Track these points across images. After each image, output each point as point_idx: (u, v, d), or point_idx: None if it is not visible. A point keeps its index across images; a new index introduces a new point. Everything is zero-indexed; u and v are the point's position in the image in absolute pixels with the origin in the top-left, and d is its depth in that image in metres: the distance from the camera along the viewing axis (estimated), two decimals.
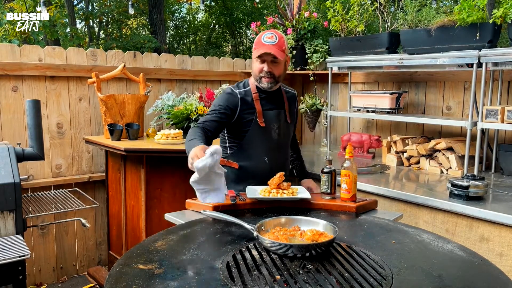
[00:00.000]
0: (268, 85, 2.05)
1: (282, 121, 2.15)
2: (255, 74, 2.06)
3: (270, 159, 2.11)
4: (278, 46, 1.98)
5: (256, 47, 2.01)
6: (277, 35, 2.00)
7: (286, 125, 2.17)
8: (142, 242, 1.45)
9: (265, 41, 1.98)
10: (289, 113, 2.19)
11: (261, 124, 2.05)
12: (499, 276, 1.22)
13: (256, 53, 1.99)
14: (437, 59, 2.72)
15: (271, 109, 2.11)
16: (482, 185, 2.17)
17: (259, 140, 2.08)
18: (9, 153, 2.22)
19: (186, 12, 15.47)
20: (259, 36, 2.03)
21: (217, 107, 2.04)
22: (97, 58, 3.27)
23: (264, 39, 1.99)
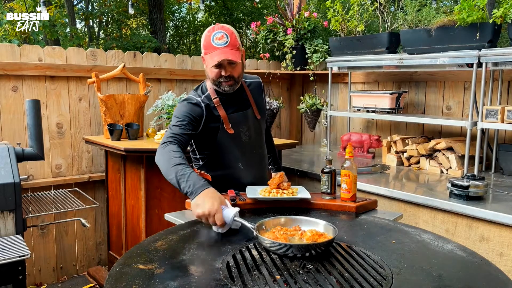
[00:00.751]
0: (229, 88, 1.88)
1: (251, 120, 1.99)
2: (212, 80, 1.87)
3: (245, 164, 1.99)
4: (231, 47, 1.80)
5: (208, 51, 1.81)
6: (227, 33, 1.80)
7: (256, 123, 2.01)
8: (142, 242, 1.45)
9: (216, 44, 1.78)
10: (257, 108, 2.01)
11: (229, 131, 1.90)
12: (499, 276, 1.22)
13: (211, 61, 1.80)
14: (437, 59, 2.72)
15: (236, 111, 1.94)
16: (482, 185, 2.17)
17: (229, 147, 1.94)
18: (9, 153, 2.22)
19: (186, 12, 15.47)
20: (207, 37, 1.82)
21: (183, 118, 1.83)
22: (97, 58, 3.27)
23: (215, 41, 1.78)
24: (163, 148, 1.72)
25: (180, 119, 1.83)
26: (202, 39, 1.86)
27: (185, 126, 1.82)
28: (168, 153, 1.67)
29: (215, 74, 1.84)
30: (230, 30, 1.83)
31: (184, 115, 1.83)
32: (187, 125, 1.82)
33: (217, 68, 1.82)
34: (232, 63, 1.83)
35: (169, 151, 1.68)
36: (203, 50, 1.86)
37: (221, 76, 1.84)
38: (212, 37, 1.80)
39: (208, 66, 1.86)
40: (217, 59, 1.78)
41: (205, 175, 1.94)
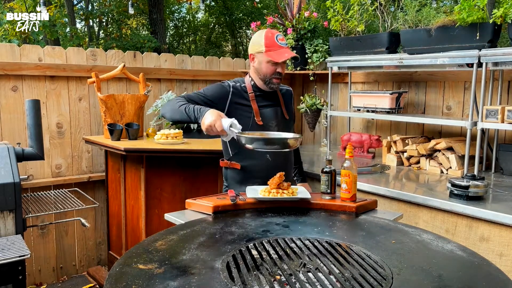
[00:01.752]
0: (277, 85, 2.08)
1: (279, 118, 2.15)
2: (266, 75, 2.04)
3: (272, 157, 2.10)
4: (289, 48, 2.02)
5: (272, 49, 1.99)
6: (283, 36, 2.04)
7: (284, 121, 2.17)
8: (142, 242, 1.45)
9: (281, 44, 2.00)
10: (286, 110, 2.19)
11: (259, 122, 2.06)
12: (499, 276, 1.22)
13: (278, 58, 1.98)
14: (437, 59, 2.72)
15: (267, 107, 2.11)
16: (482, 185, 2.17)
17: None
18: (9, 153, 2.22)
19: (186, 12, 15.47)
20: (270, 37, 2.00)
21: (201, 93, 2.03)
22: (97, 58, 3.27)
23: (279, 41, 2.00)
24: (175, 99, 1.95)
25: (201, 92, 2.03)
26: (262, 38, 2.02)
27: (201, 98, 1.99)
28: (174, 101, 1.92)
29: (271, 70, 2.02)
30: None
31: (207, 91, 2.04)
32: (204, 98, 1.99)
33: (274, 65, 2.01)
34: (284, 62, 2.03)
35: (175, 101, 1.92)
36: (264, 48, 2.00)
37: (275, 73, 2.02)
38: (276, 37, 2.00)
39: (263, 62, 2.02)
40: (287, 55, 1.98)
41: (235, 165, 2.11)
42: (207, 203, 1.82)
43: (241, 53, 14.48)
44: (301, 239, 1.50)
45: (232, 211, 1.80)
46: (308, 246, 1.43)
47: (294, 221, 1.69)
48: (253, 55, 2.07)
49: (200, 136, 3.10)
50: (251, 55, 2.08)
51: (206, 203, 1.82)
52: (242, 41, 15.26)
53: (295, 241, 1.48)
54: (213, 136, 3.08)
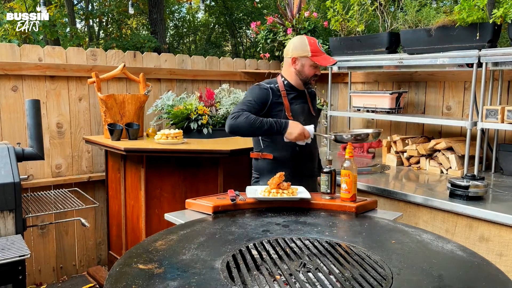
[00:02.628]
0: (313, 86, 2.32)
1: (306, 114, 2.32)
2: (307, 77, 2.24)
3: (300, 148, 2.23)
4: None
5: (318, 54, 2.20)
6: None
7: (311, 117, 2.35)
8: (142, 242, 1.45)
9: (323, 50, 2.23)
10: (312, 107, 2.38)
11: (290, 117, 2.21)
12: (498, 276, 1.22)
13: (323, 62, 2.20)
14: (437, 59, 2.72)
15: (296, 104, 2.28)
16: (482, 185, 2.17)
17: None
18: (9, 153, 2.22)
19: (186, 12, 15.47)
20: (314, 43, 2.21)
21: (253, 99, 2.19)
22: (97, 58, 3.27)
23: (321, 48, 2.22)
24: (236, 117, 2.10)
25: (250, 99, 2.18)
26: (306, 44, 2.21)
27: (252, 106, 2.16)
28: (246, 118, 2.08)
29: (312, 73, 2.23)
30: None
31: (254, 97, 2.19)
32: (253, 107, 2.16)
33: (315, 69, 2.23)
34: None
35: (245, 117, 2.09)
36: (310, 53, 2.20)
37: (315, 75, 2.24)
38: (318, 43, 2.22)
39: (306, 65, 2.21)
40: (331, 61, 2.22)
41: (267, 155, 2.24)
42: (207, 203, 1.82)
43: (241, 53, 14.48)
44: (301, 239, 1.50)
45: (232, 211, 1.80)
46: (308, 246, 1.43)
47: (294, 221, 1.69)
48: (296, 58, 2.23)
49: (200, 136, 3.10)
50: (294, 58, 2.23)
51: (206, 203, 1.82)
52: (242, 41, 15.26)
53: (295, 241, 1.48)
54: (213, 136, 3.09)
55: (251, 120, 2.07)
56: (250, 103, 2.17)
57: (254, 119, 2.08)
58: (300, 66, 2.23)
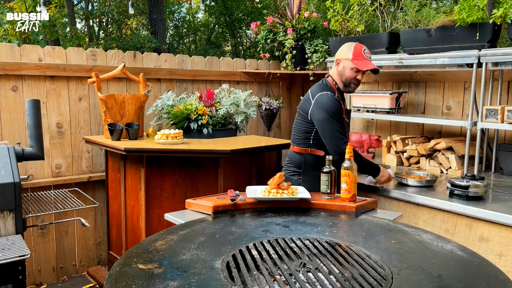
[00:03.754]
0: (353, 90, 2.39)
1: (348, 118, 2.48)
2: (347, 79, 2.33)
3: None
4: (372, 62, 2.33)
5: (360, 60, 2.29)
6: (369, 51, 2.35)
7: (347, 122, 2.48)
8: (142, 242, 1.45)
9: (366, 56, 2.31)
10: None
11: (346, 120, 2.37)
12: (498, 276, 1.22)
13: (363, 66, 2.27)
14: (437, 59, 2.72)
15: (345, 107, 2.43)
16: (482, 185, 2.17)
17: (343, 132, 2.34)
18: (9, 153, 2.22)
19: (186, 12, 15.47)
20: (359, 49, 2.30)
21: (336, 113, 2.28)
22: (97, 58, 3.27)
23: (365, 54, 2.31)
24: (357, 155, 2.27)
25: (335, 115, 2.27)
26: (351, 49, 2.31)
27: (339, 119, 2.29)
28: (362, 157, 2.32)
29: (353, 76, 2.32)
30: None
31: (337, 112, 2.29)
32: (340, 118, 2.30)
33: (356, 72, 2.30)
34: (363, 73, 2.34)
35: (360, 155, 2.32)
36: (350, 55, 2.30)
37: (355, 79, 2.32)
38: (363, 50, 2.31)
39: (348, 68, 2.31)
40: (371, 67, 2.28)
41: (316, 152, 2.34)
42: (207, 203, 1.82)
43: (241, 53, 14.48)
44: (301, 239, 1.50)
45: (232, 211, 1.80)
46: (308, 246, 1.43)
47: (294, 221, 1.69)
48: (339, 60, 2.35)
49: (200, 136, 3.10)
50: (338, 60, 2.35)
51: (206, 203, 1.82)
52: (242, 41, 15.26)
53: (295, 241, 1.48)
54: (213, 136, 3.09)
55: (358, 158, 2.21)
56: (340, 128, 2.26)
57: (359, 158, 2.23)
58: (342, 68, 2.34)
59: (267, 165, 3.09)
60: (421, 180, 2.51)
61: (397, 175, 2.61)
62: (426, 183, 2.49)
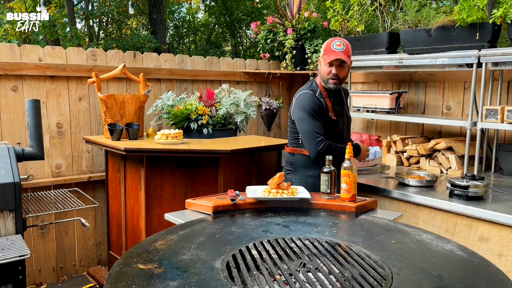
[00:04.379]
0: (334, 86, 2.30)
1: (344, 115, 2.41)
2: (323, 76, 2.30)
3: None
4: (345, 53, 2.25)
5: (327, 53, 2.26)
6: (344, 43, 2.26)
7: (347, 119, 2.45)
8: (142, 242, 1.45)
9: (335, 48, 2.25)
10: (347, 109, 2.46)
11: (333, 117, 2.31)
12: (498, 276, 1.22)
13: (327, 59, 2.24)
14: (437, 59, 2.72)
15: (337, 105, 2.37)
16: (481, 185, 2.17)
17: (331, 130, 2.32)
18: (9, 153, 2.22)
19: (186, 12, 15.47)
20: (328, 44, 2.28)
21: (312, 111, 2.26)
22: (97, 58, 3.27)
23: (334, 46, 2.25)
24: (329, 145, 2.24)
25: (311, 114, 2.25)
26: (324, 45, 2.30)
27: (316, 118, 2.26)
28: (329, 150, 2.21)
29: (326, 72, 2.28)
30: (347, 42, 2.29)
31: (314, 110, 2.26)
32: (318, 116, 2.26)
33: (330, 66, 2.25)
34: (342, 65, 2.26)
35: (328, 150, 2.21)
36: (322, 52, 2.30)
37: (330, 74, 2.26)
38: (332, 43, 2.26)
39: (322, 64, 2.29)
40: (333, 57, 2.22)
41: (304, 151, 2.32)
42: (207, 203, 1.82)
43: (241, 53, 14.48)
44: (301, 239, 1.50)
45: (232, 211, 1.80)
46: (308, 246, 1.43)
47: (294, 221, 1.70)
48: (319, 60, 2.35)
49: (200, 136, 3.10)
50: (318, 59, 2.36)
51: (206, 203, 1.82)
52: (242, 41, 15.26)
53: (295, 241, 1.48)
54: (213, 136, 3.09)
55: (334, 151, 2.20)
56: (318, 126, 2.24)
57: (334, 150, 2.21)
58: (319, 66, 2.35)
59: (267, 165, 3.09)
60: (421, 180, 2.51)
61: (397, 175, 2.61)
62: (426, 183, 2.49)
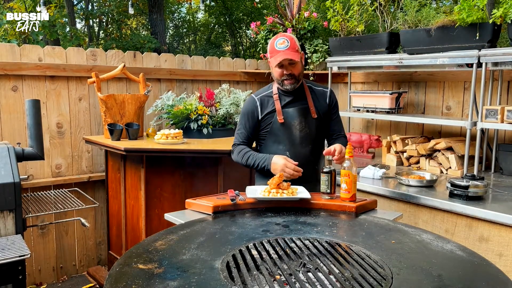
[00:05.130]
0: (291, 86, 2.16)
1: (305, 117, 2.20)
2: (277, 79, 2.18)
3: (292, 154, 2.16)
4: (291, 49, 2.11)
5: (273, 55, 2.13)
6: (288, 39, 2.12)
7: (310, 120, 2.21)
8: (142, 242, 1.45)
9: (279, 48, 2.11)
10: (316, 109, 2.23)
11: (280, 120, 2.17)
12: (498, 276, 1.22)
13: (274, 62, 2.11)
14: (437, 59, 2.72)
15: (292, 107, 2.20)
16: (481, 185, 2.17)
17: (280, 135, 2.19)
18: (9, 153, 2.22)
19: (186, 12, 15.47)
20: (272, 44, 2.15)
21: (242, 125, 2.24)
22: (97, 58, 3.27)
23: (278, 46, 2.11)
24: (232, 152, 2.24)
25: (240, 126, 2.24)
26: (268, 47, 2.18)
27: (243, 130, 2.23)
28: (237, 155, 2.20)
29: (278, 74, 2.14)
30: (290, 36, 2.15)
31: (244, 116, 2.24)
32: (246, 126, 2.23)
33: (280, 68, 2.12)
34: (292, 63, 2.11)
35: (237, 153, 2.20)
36: (268, 55, 2.18)
37: (284, 75, 2.13)
38: (275, 43, 2.12)
39: (272, 67, 2.17)
40: (279, 59, 2.08)
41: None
42: (207, 203, 1.82)
43: (241, 53, 14.48)
44: (301, 239, 1.50)
45: (232, 211, 1.80)
46: (308, 246, 1.43)
47: (294, 221, 1.70)
48: (268, 62, 2.21)
49: (200, 136, 3.11)
50: (268, 61, 2.21)
51: (206, 203, 1.82)
52: (242, 41, 15.26)
53: (295, 241, 1.48)
54: (213, 136, 3.09)
55: (242, 157, 2.16)
56: (240, 131, 2.22)
57: (242, 157, 2.16)
58: (271, 69, 2.20)
59: None
60: (421, 180, 2.51)
61: (397, 175, 2.61)
62: (426, 183, 2.49)
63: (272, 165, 2.05)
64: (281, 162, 2.02)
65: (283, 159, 2.03)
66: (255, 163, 2.12)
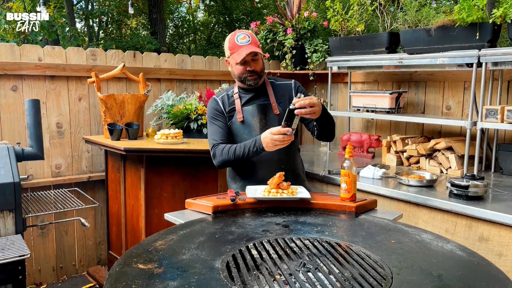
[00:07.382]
0: (254, 81, 2.12)
1: (265, 114, 2.14)
2: (239, 76, 2.12)
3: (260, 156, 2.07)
4: (254, 44, 2.07)
5: (234, 50, 2.07)
6: (248, 34, 2.09)
7: (272, 117, 2.15)
8: (142, 242, 1.45)
9: (241, 43, 2.07)
10: (279, 105, 2.16)
11: (239, 119, 2.14)
12: (498, 276, 1.22)
13: (238, 57, 2.04)
14: (437, 59, 2.72)
15: (252, 104, 2.16)
16: (481, 185, 2.17)
17: (241, 134, 2.15)
18: (9, 153, 2.22)
19: (186, 12, 15.46)
20: (232, 40, 2.09)
21: (213, 126, 2.18)
22: (97, 58, 3.27)
23: (239, 41, 2.07)
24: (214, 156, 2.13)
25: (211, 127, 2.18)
26: (226, 43, 2.11)
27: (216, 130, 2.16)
28: (221, 153, 2.08)
29: (240, 71, 2.09)
30: (250, 32, 2.14)
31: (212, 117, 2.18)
32: (217, 127, 2.16)
33: (242, 65, 2.07)
34: (255, 59, 2.07)
35: (220, 152, 2.09)
36: (228, 52, 2.10)
37: (246, 72, 2.08)
38: (236, 38, 2.07)
39: (233, 65, 2.11)
40: (244, 53, 2.01)
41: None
42: (207, 203, 1.82)
43: None
44: (301, 239, 1.50)
45: (232, 211, 1.80)
46: (308, 246, 1.43)
47: (294, 221, 1.70)
48: (227, 61, 2.18)
49: (200, 136, 3.10)
50: (226, 61, 2.18)
51: (206, 203, 1.82)
52: None
53: (295, 241, 1.48)
54: None
55: (227, 153, 2.05)
56: (213, 131, 2.15)
57: (228, 152, 2.05)
58: (231, 68, 2.15)
59: None
60: (421, 180, 2.51)
61: (397, 175, 2.61)
62: (426, 183, 2.49)
63: (263, 144, 1.93)
64: (267, 135, 1.91)
65: (267, 132, 1.92)
66: (245, 151, 1.99)
